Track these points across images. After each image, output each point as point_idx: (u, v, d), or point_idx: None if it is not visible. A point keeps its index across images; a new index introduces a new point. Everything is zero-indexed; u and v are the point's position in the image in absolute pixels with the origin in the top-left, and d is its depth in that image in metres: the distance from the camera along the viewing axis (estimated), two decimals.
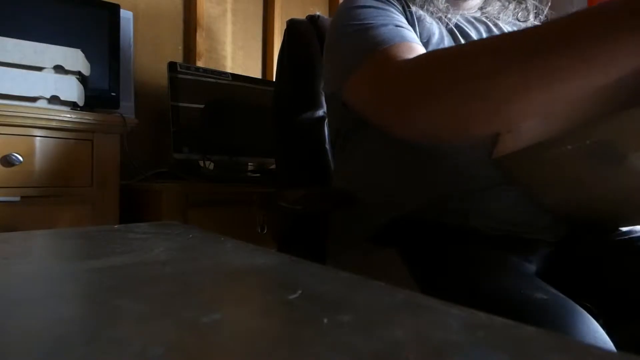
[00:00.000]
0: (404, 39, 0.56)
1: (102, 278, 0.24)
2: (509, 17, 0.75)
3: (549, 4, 0.75)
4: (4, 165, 0.93)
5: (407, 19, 0.66)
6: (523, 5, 0.74)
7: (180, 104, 1.34)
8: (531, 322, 0.17)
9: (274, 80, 1.00)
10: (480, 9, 0.76)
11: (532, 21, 0.73)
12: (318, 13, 0.97)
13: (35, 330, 0.17)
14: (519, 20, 0.74)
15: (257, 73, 1.81)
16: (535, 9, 0.74)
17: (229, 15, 1.73)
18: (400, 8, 0.67)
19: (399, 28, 0.59)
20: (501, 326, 0.18)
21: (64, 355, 0.15)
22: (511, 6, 0.74)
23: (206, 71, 1.43)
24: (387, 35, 0.56)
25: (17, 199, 0.95)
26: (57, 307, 0.19)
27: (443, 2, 0.69)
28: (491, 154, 0.59)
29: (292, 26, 0.94)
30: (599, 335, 0.40)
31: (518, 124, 0.47)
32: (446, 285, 0.49)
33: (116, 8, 1.26)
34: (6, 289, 0.22)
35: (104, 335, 0.16)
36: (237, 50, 1.76)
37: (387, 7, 0.64)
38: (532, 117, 0.45)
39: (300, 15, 1.05)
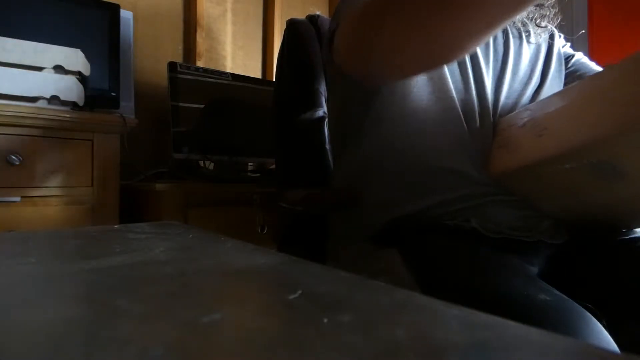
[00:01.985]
0: None
1: (102, 278, 0.24)
2: (526, 21, 0.72)
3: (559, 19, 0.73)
4: (4, 165, 0.93)
5: None
6: (542, 12, 0.72)
7: (180, 104, 1.33)
8: (534, 324, 0.17)
9: (274, 80, 1.00)
10: None
11: (550, 27, 0.72)
12: (318, 13, 0.97)
13: (35, 330, 0.17)
14: (538, 26, 0.72)
15: (257, 73, 1.81)
16: (553, 15, 0.72)
17: (229, 15, 1.73)
18: None
19: None
20: (501, 326, 0.18)
21: (64, 355, 0.15)
22: (531, 27, 0.71)
23: (206, 71, 1.43)
24: None
25: (17, 199, 0.95)
26: (57, 307, 0.19)
27: None
28: (487, 169, 0.59)
29: (292, 26, 0.94)
30: (602, 336, 0.40)
31: (477, 36, 0.46)
32: (447, 286, 0.49)
33: (116, 8, 1.26)
34: (6, 289, 0.22)
35: (104, 335, 0.16)
36: (237, 50, 1.76)
37: None
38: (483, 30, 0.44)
39: (300, 15, 1.05)
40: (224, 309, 0.20)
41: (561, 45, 0.78)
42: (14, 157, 0.93)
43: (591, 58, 0.79)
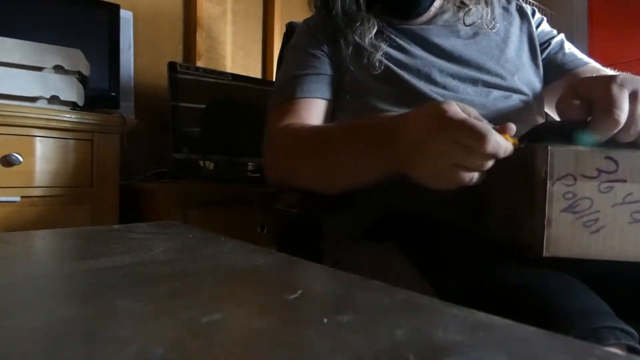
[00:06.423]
0: (308, 94, 0.70)
1: (102, 278, 0.24)
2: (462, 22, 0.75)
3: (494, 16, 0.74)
4: (4, 165, 0.93)
5: (341, 55, 0.70)
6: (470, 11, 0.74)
7: (180, 104, 1.33)
8: (536, 293, 0.17)
9: (274, 81, 1.00)
10: (435, 17, 0.75)
11: (486, 28, 0.74)
12: None
13: (35, 330, 0.17)
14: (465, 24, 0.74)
15: (257, 73, 1.81)
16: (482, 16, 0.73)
17: (229, 15, 1.73)
18: (334, 44, 0.71)
19: (310, 80, 0.70)
20: (501, 326, 0.18)
21: (64, 355, 0.15)
22: (461, 14, 0.74)
23: (206, 71, 1.43)
24: (293, 89, 0.70)
25: (17, 199, 0.95)
26: (57, 307, 0.19)
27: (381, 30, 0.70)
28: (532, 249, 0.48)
29: (291, 29, 0.94)
30: (597, 300, 0.41)
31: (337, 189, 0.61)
32: (450, 271, 0.49)
33: (116, 8, 1.26)
34: (6, 289, 0.22)
35: (104, 335, 0.16)
36: (237, 50, 1.76)
37: (315, 51, 0.72)
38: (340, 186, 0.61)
39: (300, 15, 1.05)
40: (224, 309, 0.20)
41: (535, 25, 0.77)
42: (14, 157, 0.93)
43: (591, 58, 0.78)
